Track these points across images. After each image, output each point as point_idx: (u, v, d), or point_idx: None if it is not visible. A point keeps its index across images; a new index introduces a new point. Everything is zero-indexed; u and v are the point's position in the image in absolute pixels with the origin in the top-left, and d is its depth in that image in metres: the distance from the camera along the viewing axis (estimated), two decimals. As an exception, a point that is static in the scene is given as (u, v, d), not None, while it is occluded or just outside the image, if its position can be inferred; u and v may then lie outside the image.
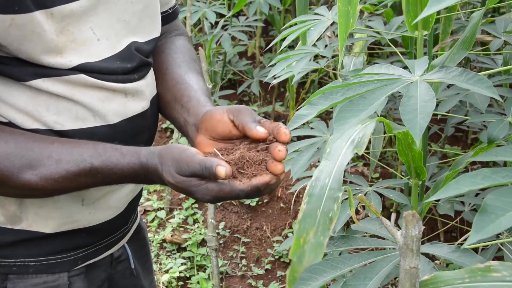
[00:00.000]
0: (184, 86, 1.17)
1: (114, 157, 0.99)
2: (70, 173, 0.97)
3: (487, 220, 0.75)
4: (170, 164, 0.94)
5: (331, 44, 2.28)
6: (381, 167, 3.28)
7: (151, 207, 3.23)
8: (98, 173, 0.98)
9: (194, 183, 0.93)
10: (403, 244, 0.86)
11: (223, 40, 3.60)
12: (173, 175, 0.93)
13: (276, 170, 0.93)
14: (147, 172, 0.98)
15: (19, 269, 1.10)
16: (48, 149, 0.98)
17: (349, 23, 1.30)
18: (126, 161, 0.98)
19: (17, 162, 0.96)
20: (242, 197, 0.92)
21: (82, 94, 1.03)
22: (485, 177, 0.84)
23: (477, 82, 0.95)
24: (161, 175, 0.95)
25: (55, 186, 0.98)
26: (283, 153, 0.93)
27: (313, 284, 1.29)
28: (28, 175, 0.96)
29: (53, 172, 0.97)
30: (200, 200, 0.96)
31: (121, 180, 1.00)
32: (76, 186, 1.00)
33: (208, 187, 0.92)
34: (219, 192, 0.92)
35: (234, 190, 0.92)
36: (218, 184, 0.92)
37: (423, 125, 0.90)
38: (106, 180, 1.00)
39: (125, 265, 1.30)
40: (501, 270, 0.83)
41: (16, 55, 0.97)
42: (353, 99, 0.94)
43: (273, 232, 3.10)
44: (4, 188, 0.98)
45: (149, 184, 1.04)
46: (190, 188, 0.93)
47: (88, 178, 0.99)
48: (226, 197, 0.92)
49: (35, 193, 0.99)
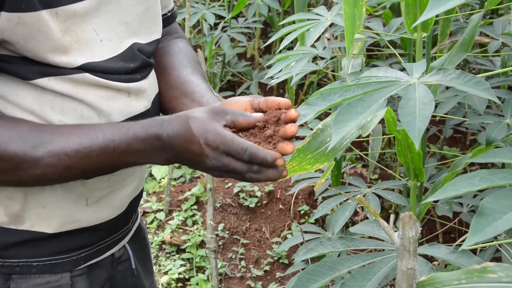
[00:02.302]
0: (194, 84, 1.19)
1: (126, 124, 1.00)
2: (82, 145, 0.98)
3: (484, 223, 0.75)
4: (201, 108, 0.98)
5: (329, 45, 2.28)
6: (380, 168, 3.28)
7: (150, 209, 3.24)
8: (111, 141, 0.98)
9: (215, 124, 0.95)
10: (400, 246, 0.86)
11: (222, 41, 3.61)
12: (201, 111, 0.97)
13: (286, 150, 0.96)
14: (161, 129, 0.98)
15: (22, 269, 1.10)
16: (59, 129, 1.00)
17: (355, 25, 1.31)
18: (139, 124, 0.99)
19: (30, 141, 0.97)
20: (246, 155, 0.92)
21: (87, 93, 1.04)
22: (483, 179, 0.84)
23: (475, 85, 0.96)
24: (185, 115, 0.97)
25: (67, 162, 0.98)
26: (296, 129, 0.96)
27: (312, 286, 1.30)
28: (41, 152, 0.97)
29: (66, 146, 0.98)
30: (205, 147, 0.94)
31: (133, 148, 0.99)
32: (88, 163, 0.99)
33: (224, 131, 0.94)
34: (230, 140, 0.94)
35: (244, 143, 0.93)
36: (233, 134, 0.95)
37: (422, 127, 0.90)
38: (118, 150, 0.99)
39: (126, 265, 1.31)
40: (498, 271, 0.83)
41: (22, 54, 0.98)
42: (352, 101, 0.94)
43: (272, 234, 3.11)
44: (19, 172, 0.98)
45: (158, 154, 1.00)
46: (208, 126, 0.94)
47: (100, 151, 0.98)
48: (232, 147, 0.93)
49: (48, 172, 0.99)
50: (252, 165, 0.94)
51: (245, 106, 1.04)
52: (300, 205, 3.15)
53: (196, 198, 3.25)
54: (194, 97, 1.17)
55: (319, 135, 1.20)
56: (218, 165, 0.95)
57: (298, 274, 1.33)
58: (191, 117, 0.96)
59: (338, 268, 1.26)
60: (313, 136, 1.21)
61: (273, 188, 3.24)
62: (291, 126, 0.97)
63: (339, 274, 1.26)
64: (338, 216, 1.80)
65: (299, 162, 1.19)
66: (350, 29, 1.32)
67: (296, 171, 1.20)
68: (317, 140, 1.20)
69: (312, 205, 3.16)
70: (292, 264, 2.80)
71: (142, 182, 1.26)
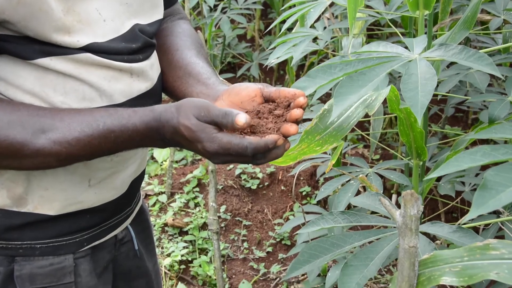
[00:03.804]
0: (200, 66, 1.19)
1: (125, 113, 1.00)
2: (84, 134, 0.98)
3: (487, 196, 0.75)
4: (189, 109, 0.96)
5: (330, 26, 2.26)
6: (381, 148, 3.28)
7: (152, 191, 3.24)
8: (111, 132, 0.99)
9: (207, 130, 0.95)
10: (402, 224, 0.86)
11: (222, 23, 3.58)
12: (189, 117, 0.96)
13: (290, 130, 0.96)
14: (159, 124, 0.98)
15: (25, 252, 1.11)
16: (59, 114, 0.99)
17: (358, 1, 1.30)
18: (138, 116, 0.99)
19: (30, 127, 0.96)
20: (248, 152, 0.94)
21: (89, 73, 1.04)
22: (485, 154, 0.84)
23: (477, 60, 0.95)
24: (175, 119, 0.97)
25: (69, 150, 0.98)
26: (300, 112, 0.97)
27: (314, 261, 1.30)
28: (42, 140, 0.97)
29: (67, 134, 0.97)
30: (205, 151, 0.96)
31: (133, 138, 1.00)
32: (90, 150, 1.00)
33: (218, 136, 0.95)
34: (228, 142, 0.94)
35: (242, 142, 0.94)
36: (229, 135, 0.95)
37: (424, 102, 0.90)
38: (119, 139, 0.99)
39: (129, 247, 1.31)
40: (500, 248, 0.83)
41: (24, 33, 0.98)
42: (353, 75, 0.94)
43: (274, 215, 3.11)
44: (19, 159, 0.98)
45: (160, 144, 1.03)
46: (201, 134, 0.95)
47: (102, 140, 0.99)
48: (232, 149, 0.94)
49: (50, 160, 0.99)
50: (256, 155, 0.96)
51: (255, 93, 1.04)
52: (301, 186, 3.15)
53: (198, 181, 3.26)
54: (199, 78, 1.17)
55: (326, 115, 1.19)
56: (223, 161, 0.98)
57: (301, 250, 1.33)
58: (182, 125, 0.96)
59: (341, 244, 1.26)
60: (320, 117, 1.21)
61: (275, 169, 3.24)
62: (296, 110, 0.97)
63: (341, 251, 1.25)
64: (340, 197, 1.79)
65: (308, 144, 1.19)
66: (352, 4, 1.30)
67: (306, 153, 1.20)
68: (324, 121, 1.19)
69: (314, 186, 3.16)
70: (294, 246, 2.81)
71: (143, 162, 1.26)
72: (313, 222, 1.36)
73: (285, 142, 0.97)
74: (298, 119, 0.97)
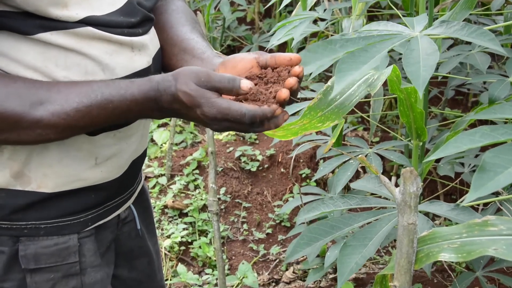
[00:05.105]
0: (194, 41, 1.19)
1: (123, 84, 1.00)
2: (82, 104, 0.98)
3: (486, 178, 0.75)
4: (188, 75, 0.97)
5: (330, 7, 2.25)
6: (381, 130, 3.28)
7: (152, 174, 3.24)
8: (109, 102, 0.98)
9: (207, 94, 0.95)
10: (401, 201, 0.87)
11: (222, 5, 3.56)
12: (188, 84, 0.96)
13: (280, 95, 0.96)
14: (157, 93, 0.98)
15: (30, 232, 1.11)
16: (56, 86, 0.99)
17: None
18: (136, 85, 0.99)
19: (27, 99, 0.96)
20: (246, 119, 0.94)
21: (90, 46, 1.04)
22: (484, 135, 0.84)
23: (479, 35, 0.94)
24: (173, 87, 0.97)
25: (68, 121, 0.98)
26: (294, 80, 0.97)
27: (314, 244, 1.31)
28: (40, 112, 0.96)
29: (65, 105, 0.97)
30: (204, 116, 0.96)
31: (131, 109, 1.00)
32: (89, 121, 0.99)
33: (218, 101, 0.95)
34: (227, 108, 0.94)
35: (241, 109, 0.94)
36: (228, 101, 0.95)
37: (426, 77, 0.90)
38: (117, 110, 0.99)
39: (131, 226, 1.32)
40: (498, 224, 0.84)
41: (23, 8, 0.98)
42: (355, 51, 0.94)
43: (274, 197, 3.12)
44: (18, 131, 0.98)
45: (157, 114, 1.03)
46: (200, 99, 0.95)
47: (100, 110, 0.98)
48: (231, 114, 0.94)
49: (48, 132, 0.99)
50: (253, 123, 0.96)
51: (251, 64, 1.05)
52: (301, 168, 3.16)
53: (197, 163, 3.26)
54: (194, 54, 1.16)
55: (329, 92, 1.19)
56: (220, 128, 0.98)
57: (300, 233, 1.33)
58: (180, 91, 0.96)
59: (340, 226, 1.27)
60: (323, 93, 1.21)
61: (275, 152, 3.24)
62: (291, 78, 0.98)
63: (341, 232, 1.26)
64: (339, 176, 1.80)
65: (309, 120, 1.19)
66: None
67: (307, 129, 1.20)
68: (327, 98, 1.19)
69: (313, 169, 3.17)
70: (293, 227, 2.82)
71: (145, 140, 1.26)
72: (314, 207, 1.37)
73: (284, 113, 0.98)
74: (292, 87, 0.97)
